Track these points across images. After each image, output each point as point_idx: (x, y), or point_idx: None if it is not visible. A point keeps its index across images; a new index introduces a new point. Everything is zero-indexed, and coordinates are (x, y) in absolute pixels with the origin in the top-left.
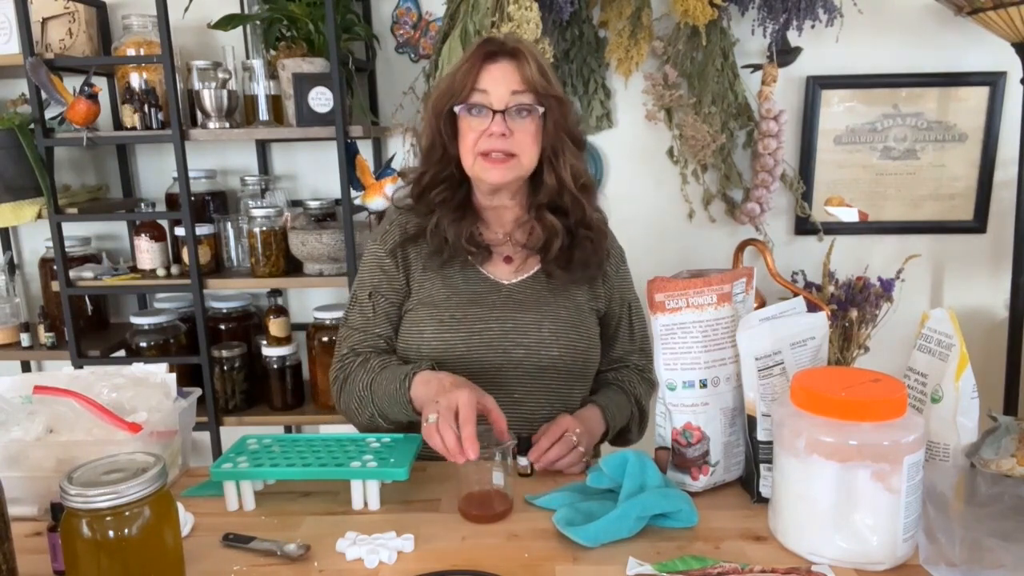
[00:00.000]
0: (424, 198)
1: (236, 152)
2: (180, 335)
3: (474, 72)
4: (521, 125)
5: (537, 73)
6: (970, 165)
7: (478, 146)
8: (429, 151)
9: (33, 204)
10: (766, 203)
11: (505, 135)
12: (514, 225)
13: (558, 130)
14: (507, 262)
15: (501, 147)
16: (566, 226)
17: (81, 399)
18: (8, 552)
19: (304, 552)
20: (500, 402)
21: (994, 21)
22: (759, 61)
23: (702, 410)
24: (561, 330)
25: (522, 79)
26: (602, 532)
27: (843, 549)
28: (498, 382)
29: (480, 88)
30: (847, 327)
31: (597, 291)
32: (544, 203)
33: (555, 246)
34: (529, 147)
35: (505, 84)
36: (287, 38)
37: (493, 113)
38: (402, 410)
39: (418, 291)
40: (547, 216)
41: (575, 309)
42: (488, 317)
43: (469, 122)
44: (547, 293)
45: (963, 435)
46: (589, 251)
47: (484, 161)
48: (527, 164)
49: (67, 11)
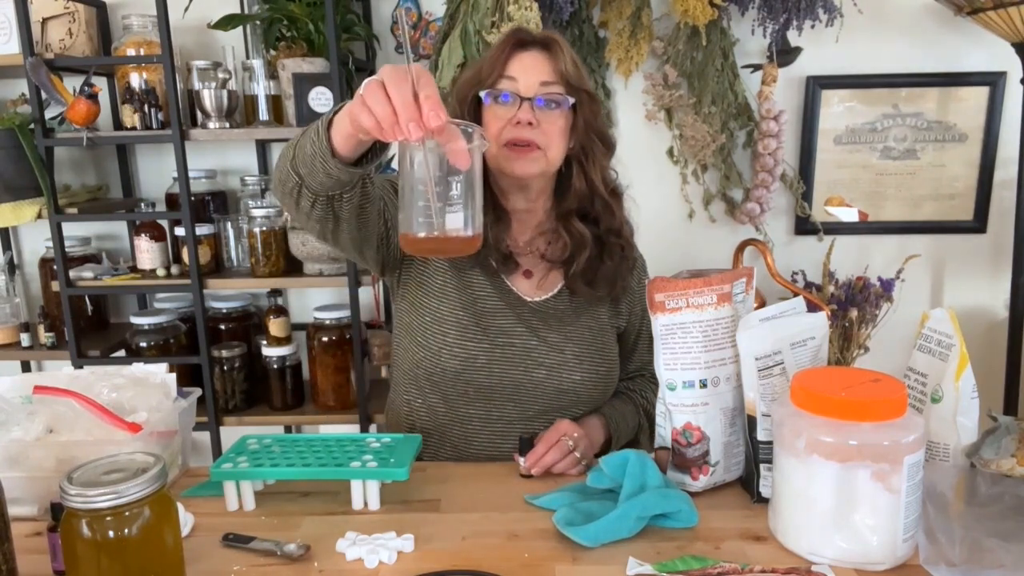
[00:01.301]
0: None
1: (236, 152)
2: (180, 335)
3: (503, 59)
4: (549, 117)
5: (571, 64)
6: (970, 165)
7: (503, 135)
8: None
9: (33, 204)
10: (766, 203)
11: (532, 124)
12: (535, 232)
13: (588, 129)
14: (527, 276)
15: (527, 136)
16: (595, 235)
17: (81, 399)
18: (8, 552)
19: (304, 552)
20: (514, 418)
21: (994, 21)
22: (759, 61)
23: (702, 410)
24: (585, 353)
25: (553, 70)
26: (602, 532)
27: (843, 549)
28: (515, 399)
29: (508, 75)
30: (847, 327)
31: (620, 307)
32: (573, 209)
33: (583, 257)
34: (556, 140)
35: (536, 73)
36: (287, 38)
37: (521, 100)
38: (312, 131)
39: (440, 286)
40: (575, 224)
41: (598, 330)
42: (512, 332)
43: (495, 110)
44: (571, 313)
45: (963, 435)
46: (618, 262)
47: (508, 151)
48: (553, 158)
49: (67, 11)
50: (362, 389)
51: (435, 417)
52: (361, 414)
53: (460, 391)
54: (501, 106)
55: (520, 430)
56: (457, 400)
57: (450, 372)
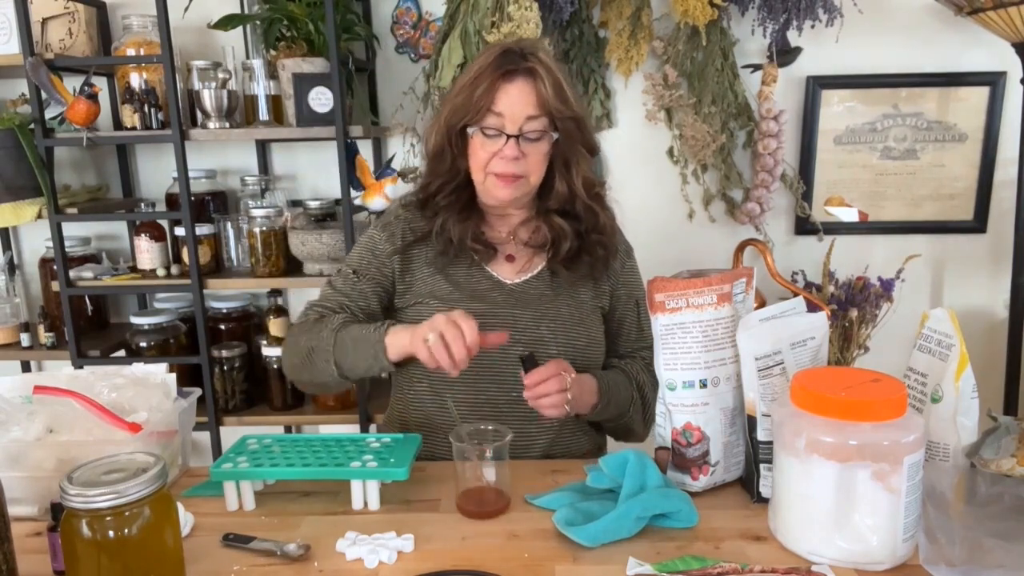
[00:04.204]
0: (430, 203)
1: (236, 152)
2: (180, 335)
3: (491, 92)
4: (534, 148)
5: (553, 94)
6: (970, 165)
7: (490, 166)
8: (436, 161)
9: (33, 204)
10: (766, 203)
11: (518, 159)
12: (519, 224)
13: (573, 143)
14: (509, 260)
15: (514, 171)
16: (576, 230)
17: (81, 399)
18: (8, 552)
19: (304, 552)
20: (500, 400)
21: (994, 21)
22: (759, 61)
23: (702, 410)
24: (560, 329)
25: (538, 102)
26: (602, 532)
27: (843, 549)
28: (497, 380)
29: (496, 111)
30: (847, 327)
31: (602, 287)
32: (554, 209)
33: (563, 248)
34: (538, 167)
35: (521, 106)
36: (287, 38)
37: (507, 138)
38: (368, 350)
39: (420, 288)
40: (555, 219)
41: (577, 307)
42: (488, 314)
43: (482, 142)
44: (549, 292)
45: (963, 435)
46: (599, 255)
47: (496, 179)
48: (535, 183)
49: (67, 11)
50: (362, 389)
51: (423, 407)
52: (361, 414)
53: (442, 375)
54: (488, 139)
55: (504, 414)
56: (440, 385)
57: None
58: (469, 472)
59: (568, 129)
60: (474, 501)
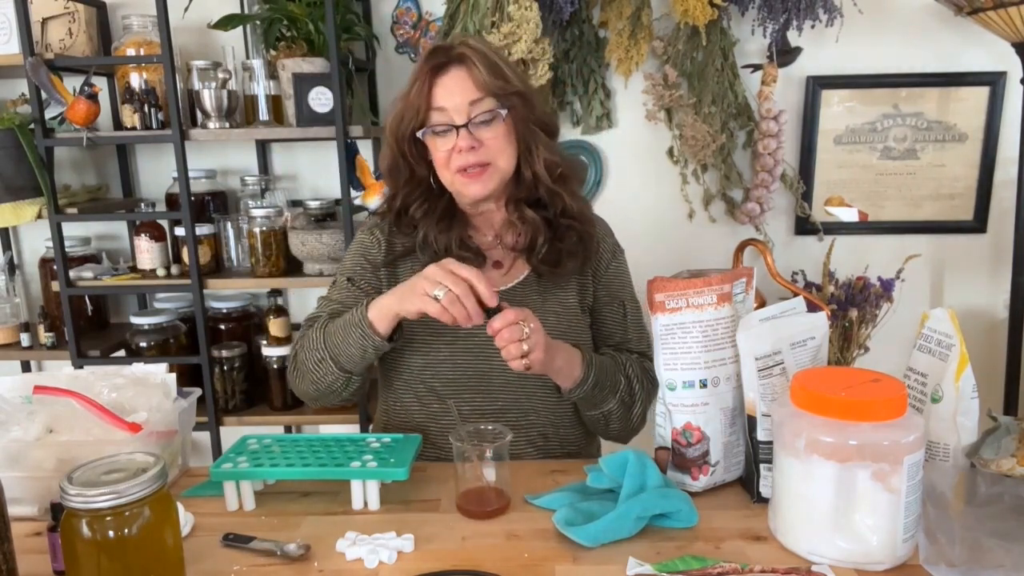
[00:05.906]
0: (403, 218)
1: (236, 152)
2: (180, 335)
3: (426, 90)
4: (489, 132)
5: (488, 74)
6: (970, 165)
7: (452, 163)
8: (392, 174)
9: (33, 204)
10: (766, 203)
11: (475, 147)
12: (503, 226)
13: (526, 123)
14: (497, 267)
15: (474, 160)
16: (545, 218)
17: (81, 399)
18: (8, 552)
19: (304, 552)
20: (483, 408)
21: (994, 21)
22: (759, 61)
23: (702, 410)
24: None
25: (476, 85)
26: (602, 532)
27: (843, 549)
28: (481, 388)
29: (436, 106)
30: (847, 327)
31: (586, 285)
32: (522, 198)
33: (539, 242)
34: (503, 150)
35: (461, 95)
36: (287, 38)
37: (456, 130)
38: (355, 332)
39: None
40: (526, 211)
41: (564, 313)
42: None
43: (435, 142)
44: (536, 297)
45: (963, 435)
46: (574, 240)
47: (462, 176)
48: (505, 167)
49: (67, 11)
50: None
51: (411, 417)
52: (361, 414)
53: (428, 387)
54: (440, 138)
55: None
56: (428, 397)
57: (415, 368)
58: (469, 472)
59: (515, 106)
60: (474, 501)
